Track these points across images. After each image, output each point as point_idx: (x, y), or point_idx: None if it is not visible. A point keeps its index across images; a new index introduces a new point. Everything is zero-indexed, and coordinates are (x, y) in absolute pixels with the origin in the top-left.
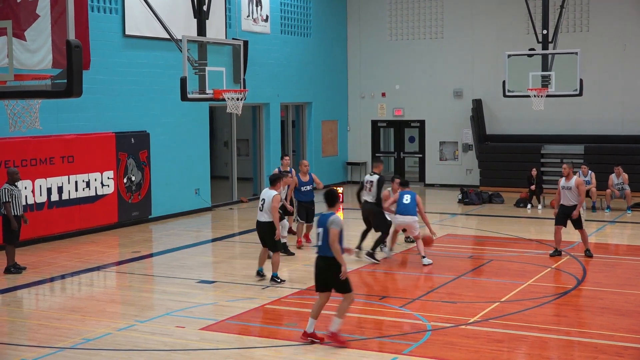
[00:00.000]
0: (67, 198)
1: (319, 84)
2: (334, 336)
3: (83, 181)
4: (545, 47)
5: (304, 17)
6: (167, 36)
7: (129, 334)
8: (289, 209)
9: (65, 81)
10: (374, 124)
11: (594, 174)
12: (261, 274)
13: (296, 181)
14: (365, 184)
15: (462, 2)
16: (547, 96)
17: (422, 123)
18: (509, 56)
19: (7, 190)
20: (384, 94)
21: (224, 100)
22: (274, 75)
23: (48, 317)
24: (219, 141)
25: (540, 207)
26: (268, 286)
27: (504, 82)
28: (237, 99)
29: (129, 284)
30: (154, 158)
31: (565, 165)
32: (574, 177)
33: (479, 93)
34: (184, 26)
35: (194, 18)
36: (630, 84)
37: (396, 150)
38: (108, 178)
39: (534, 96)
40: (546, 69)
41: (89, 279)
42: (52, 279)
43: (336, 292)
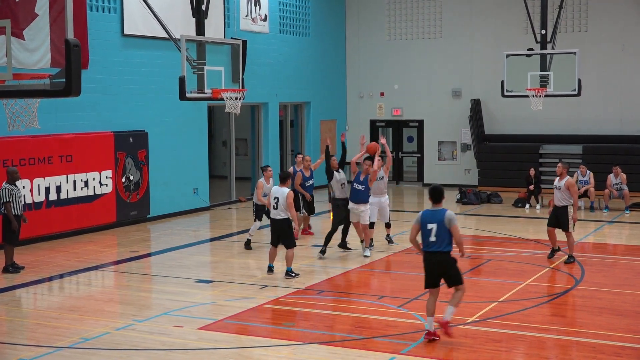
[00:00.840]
0: (66, 197)
1: (317, 83)
2: (445, 325)
3: (81, 180)
4: (543, 47)
5: (302, 16)
6: (166, 35)
7: (127, 334)
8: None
9: (64, 80)
10: (373, 123)
11: (592, 174)
12: (272, 269)
13: (300, 177)
14: (340, 183)
15: (461, 2)
16: (546, 96)
17: (420, 123)
18: (508, 56)
19: (7, 190)
20: (382, 94)
21: (222, 99)
22: (272, 75)
23: (46, 316)
24: (217, 141)
25: (538, 207)
26: (266, 285)
27: (502, 82)
28: (236, 99)
29: (127, 283)
30: (153, 157)
31: (559, 165)
32: (566, 177)
33: (477, 93)
34: (183, 25)
35: (193, 17)
36: (628, 84)
37: (395, 150)
38: (106, 177)
39: (533, 96)
40: (545, 69)
41: (87, 278)
42: (50, 279)
43: (449, 286)
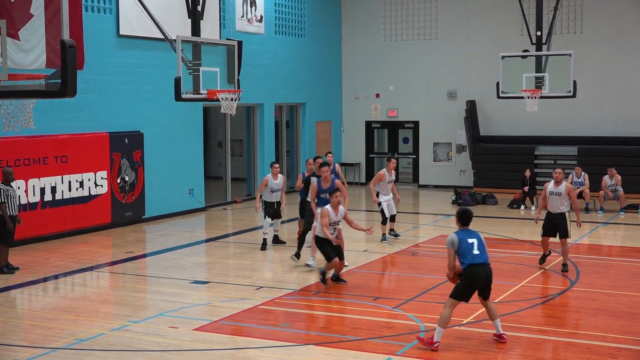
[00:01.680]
0: (61, 198)
1: (313, 84)
2: (501, 337)
3: (76, 181)
4: (539, 48)
5: (298, 17)
6: (162, 36)
7: (122, 335)
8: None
9: (59, 81)
10: (368, 124)
11: (587, 175)
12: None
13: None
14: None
15: (457, 3)
16: (541, 97)
17: (416, 124)
18: (503, 57)
19: (2, 191)
20: (378, 95)
21: (218, 100)
22: (268, 76)
23: (41, 317)
24: (212, 141)
25: (533, 208)
26: (262, 286)
27: (497, 84)
28: (231, 100)
29: (123, 284)
30: (148, 158)
31: (559, 170)
32: (563, 182)
33: (473, 94)
34: (178, 26)
35: (188, 18)
36: (623, 85)
37: (390, 151)
38: (102, 178)
39: (528, 97)
40: (540, 70)
41: (82, 279)
42: (45, 279)
43: (485, 298)
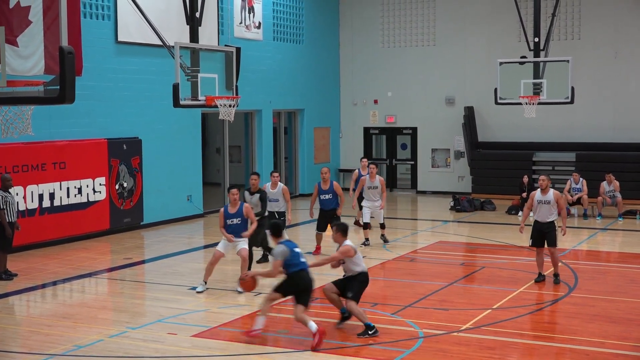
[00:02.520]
0: (59, 204)
1: (311, 90)
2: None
3: (75, 187)
4: (536, 54)
5: (296, 24)
6: (160, 43)
7: (120, 341)
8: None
9: (58, 87)
10: (366, 131)
11: (585, 181)
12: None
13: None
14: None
15: (454, 10)
16: (539, 104)
17: (414, 130)
18: (501, 64)
19: (1, 198)
20: (376, 101)
21: (216, 106)
22: (266, 82)
23: (39, 323)
24: (211, 148)
25: (531, 214)
26: (260, 293)
27: (495, 90)
28: (230, 106)
29: (121, 290)
30: (146, 164)
31: (543, 177)
32: (551, 190)
33: (470, 100)
34: (177, 33)
35: (187, 25)
36: (621, 91)
37: (388, 157)
38: (100, 184)
39: (526, 104)
40: (538, 76)
41: (80, 285)
42: (43, 286)
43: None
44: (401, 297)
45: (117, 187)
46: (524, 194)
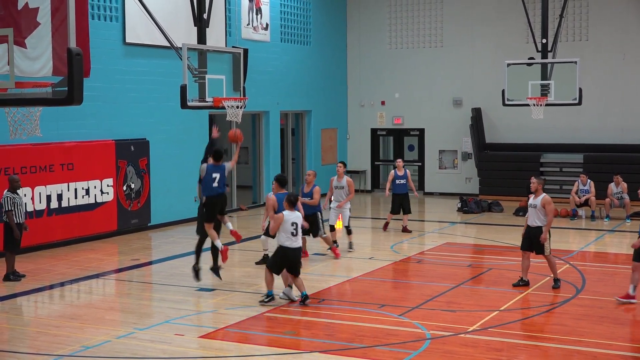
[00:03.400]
0: (67, 205)
1: (318, 92)
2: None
3: (82, 189)
4: (544, 56)
5: (304, 25)
6: (167, 44)
7: (128, 342)
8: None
9: (66, 89)
10: (374, 132)
11: (593, 182)
12: (272, 296)
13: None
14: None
15: (462, 11)
16: (547, 105)
17: (421, 131)
18: (509, 65)
19: (9, 199)
20: (383, 103)
21: (223, 108)
22: (273, 84)
23: (47, 324)
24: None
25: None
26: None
27: (503, 91)
28: (237, 107)
29: (128, 291)
30: (154, 166)
31: (533, 179)
32: (542, 194)
33: (478, 102)
34: (184, 34)
35: (194, 26)
36: (629, 93)
37: (395, 158)
38: (107, 186)
39: (534, 105)
40: (545, 78)
41: (88, 286)
42: (51, 287)
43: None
44: (408, 298)
45: (124, 188)
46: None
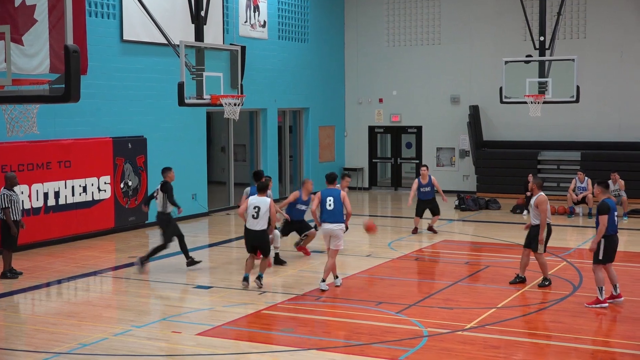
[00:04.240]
0: (64, 203)
1: (316, 89)
2: None
3: (80, 186)
4: (542, 53)
5: (301, 22)
6: (165, 41)
7: (125, 339)
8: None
9: (63, 86)
10: (371, 129)
11: (590, 180)
12: (247, 279)
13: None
14: (154, 192)
15: (460, 9)
16: (544, 103)
17: (419, 129)
18: (506, 62)
19: (6, 196)
20: (381, 100)
21: (221, 105)
22: (271, 81)
23: (44, 322)
24: (216, 146)
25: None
26: (265, 291)
27: (500, 89)
28: (235, 105)
29: (126, 289)
30: (151, 163)
31: (530, 179)
32: (539, 193)
33: (476, 99)
34: (182, 32)
35: (192, 23)
36: (627, 90)
37: (393, 156)
38: (105, 183)
39: (531, 102)
40: (543, 75)
41: (85, 284)
42: (48, 284)
43: None
44: (406, 296)
45: (122, 185)
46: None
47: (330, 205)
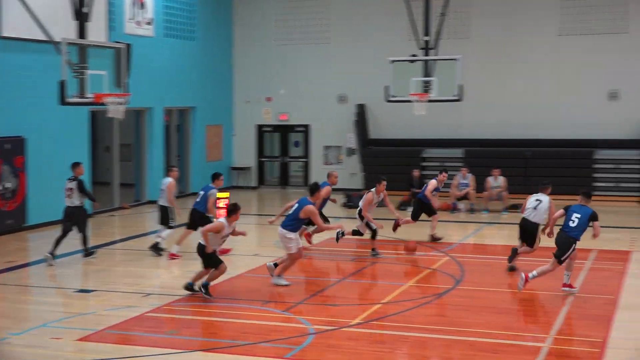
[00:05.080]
0: None
1: (203, 88)
2: None
3: None
4: (427, 53)
5: (189, 20)
6: (46, 38)
7: (0, 348)
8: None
9: None
10: (259, 128)
11: (473, 176)
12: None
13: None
14: (66, 190)
15: (348, 9)
16: (429, 101)
17: (306, 128)
18: (392, 62)
19: None
20: (269, 99)
21: (105, 104)
22: (157, 79)
23: None
24: (101, 146)
25: None
26: (150, 294)
27: (386, 88)
28: (119, 104)
29: (3, 294)
30: (32, 164)
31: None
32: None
33: (362, 98)
34: (64, 28)
35: (74, 20)
36: (508, 89)
37: (281, 154)
38: None
39: (416, 101)
40: (428, 74)
41: None
42: None
43: None
44: (293, 294)
45: None
46: (413, 190)
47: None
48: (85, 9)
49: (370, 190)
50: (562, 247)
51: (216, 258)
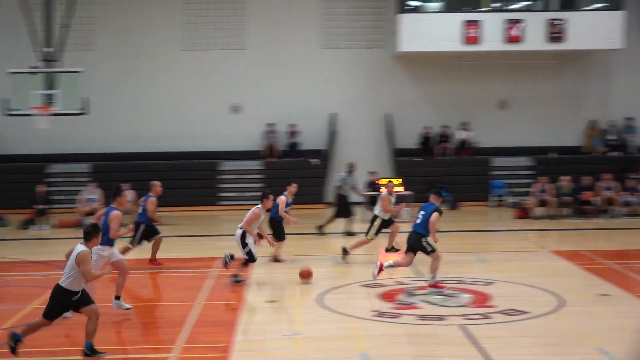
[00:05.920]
0: None
1: None
2: None
3: None
4: (49, 65)
5: None
6: None
7: None
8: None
9: None
10: None
11: (102, 191)
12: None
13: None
14: None
15: None
16: (55, 115)
17: None
18: (11, 73)
19: None
20: None
21: None
22: None
23: None
24: None
25: (48, 227)
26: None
27: (5, 101)
28: None
29: None
30: None
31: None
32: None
33: None
34: None
35: None
36: (136, 103)
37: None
38: None
39: (38, 115)
40: (51, 87)
41: None
42: None
43: None
44: None
45: None
46: (38, 206)
47: None
48: None
49: None
50: (413, 243)
51: None
